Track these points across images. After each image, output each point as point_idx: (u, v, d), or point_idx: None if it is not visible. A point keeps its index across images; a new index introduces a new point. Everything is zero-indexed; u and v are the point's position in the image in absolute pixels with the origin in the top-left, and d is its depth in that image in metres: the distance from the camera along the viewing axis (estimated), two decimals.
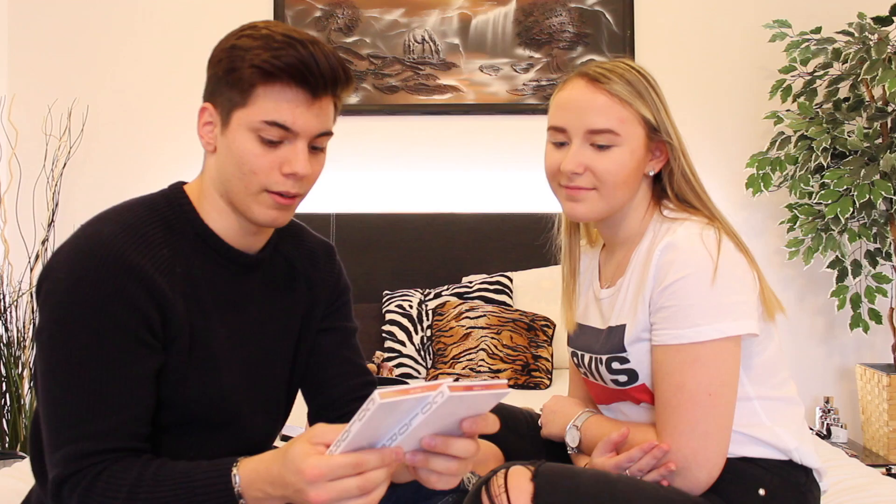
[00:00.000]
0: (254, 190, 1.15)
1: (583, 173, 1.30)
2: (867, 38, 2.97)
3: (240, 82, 1.12)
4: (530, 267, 3.29)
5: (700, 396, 1.21)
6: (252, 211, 1.17)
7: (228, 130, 1.14)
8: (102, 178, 3.42)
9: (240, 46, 1.12)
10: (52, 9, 3.48)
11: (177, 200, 1.21)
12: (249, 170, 1.14)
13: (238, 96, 1.12)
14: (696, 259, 1.23)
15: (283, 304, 1.30)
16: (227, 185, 1.17)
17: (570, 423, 1.41)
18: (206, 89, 1.18)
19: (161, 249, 1.14)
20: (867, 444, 3.13)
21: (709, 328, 1.21)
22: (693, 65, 3.41)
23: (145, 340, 1.11)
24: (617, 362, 1.32)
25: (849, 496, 1.62)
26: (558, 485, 1.16)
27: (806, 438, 1.32)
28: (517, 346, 2.87)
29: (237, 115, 1.13)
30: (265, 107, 1.11)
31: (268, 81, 1.11)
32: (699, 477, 1.23)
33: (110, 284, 1.09)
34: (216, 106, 1.16)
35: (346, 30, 3.45)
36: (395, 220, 3.40)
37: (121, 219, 1.15)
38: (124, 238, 1.12)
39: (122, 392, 1.09)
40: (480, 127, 3.49)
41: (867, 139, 2.91)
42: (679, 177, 1.33)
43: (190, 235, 1.19)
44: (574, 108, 1.31)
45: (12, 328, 3.20)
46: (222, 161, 1.16)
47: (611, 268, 1.41)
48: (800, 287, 3.37)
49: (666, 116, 1.32)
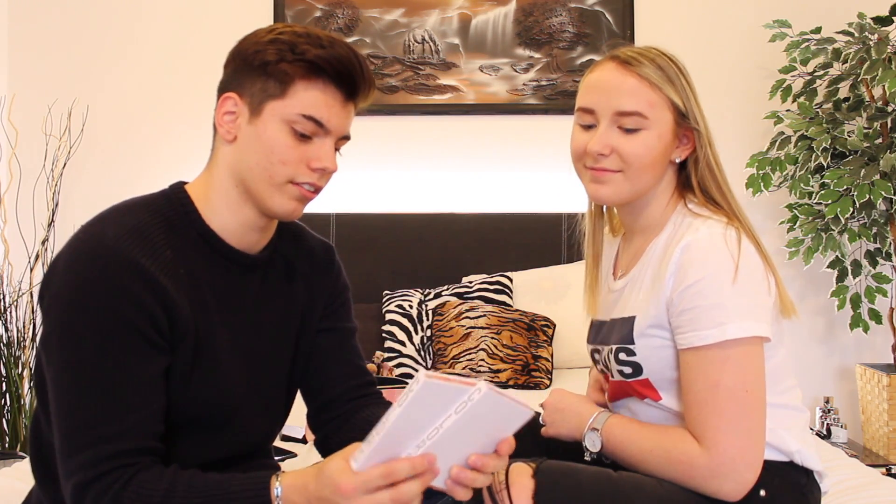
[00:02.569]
0: (279, 180, 1.16)
1: (609, 155, 1.29)
2: (867, 38, 2.97)
3: (280, 74, 1.13)
4: (530, 267, 3.29)
5: (738, 393, 1.19)
6: (273, 200, 1.18)
7: (259, 120, 1.15)
8: (102, 178, 3.42)
9: (283, 41, 1.14)
10: (52, 9, 3.48)
11: (178, 201, 1.21)
12: (279, 160, 1.15)
13: (275, 87, 1.14)
14: (718, 259, 1.22)
15: (283, 305, 1.30)
16: (250, 174, 1.17)
17: (588, 424, 1.33)
18: (228, 80, 1.19)
19: (164, 251, 1.14)
20: (867, 445, 3.13)
21: (734, 326, 1.20)
22: (693, 65, 3.37)
23: (154, 340, 1.11)
24: (624, 353, 1.31)
25: (849, 496, 1.62)
26: (559, 482, 1.16)
27: (808, 441, 1.32)
28: (517, 346, 2.87)
29: (272, 106, 1.14)
30: (304, 101, 1.14)
31: (310, 77, 1.14)
32: (747, 478, 1.19)
33: (117, 285, 1.08)
34: (243, 96, 1.16)
35: (346, 30, 3.45)
36: (395, 220, 3.40)
37: (123, 220, 1.15)
38: (128, 240, 1.11)
39: (136, 392, 1.09)
40: (480, 127, 3.49)
41: (867, 139, 2.91)
42: (704, 166, 1.32)
43: (192, 236, 1.19)
44: (603, 89, 1.30)
45: (12, 328, 3.20)
46: (245, 150, 1.17)
47: (627, 257, 1.40)
48: (800, 287, 3.37)
49: (695, 104, 1.32)
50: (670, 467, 1.22)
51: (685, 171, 1.35)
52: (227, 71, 1.19)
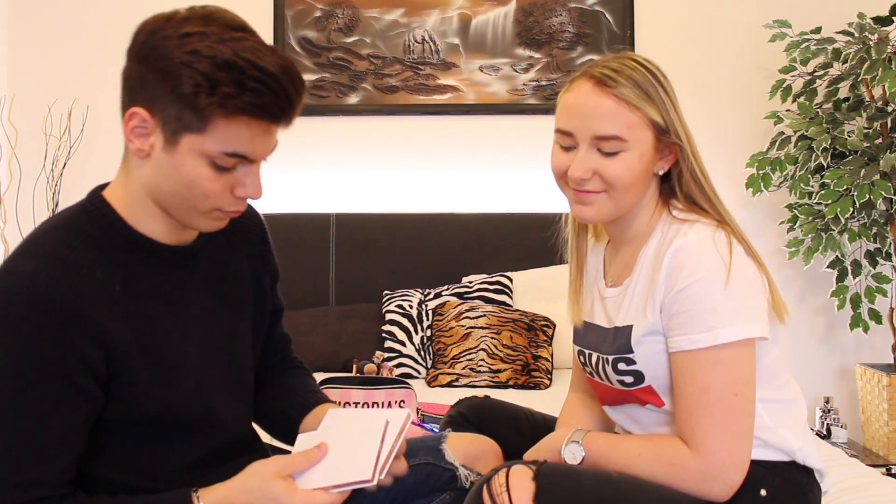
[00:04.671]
0: (203, 209, 1.11)
1: (591, 178, 1.28)
2: (867, 38, 2.97)
3: (195, 109, 1.02)
4: (530, 267, 3.28)
5: (727, 397, 1.20)
6: (196, 223, 1.14)
7: (176, 152, 1.06)
8: (102, 178, 3.37)
9: (198, 70, 1.01)
10: (52, 9, 3.48)
11: (99, 212, 1.15)
12: (201, 193, 1.08)
13: (192, 119, 1.03)
14: (708, 262, 1.22)
15: (232, 284, 1.28)
16: (168, 198, 1.11)
17: (567, 438, 1.31)
18: (135, 87, 1.06)
19: (93, 273, 1.08)
20: (867, 444, 3.13)
21: (725, 331, 1.20)
22: (693, 65, 3.42)
23: (81, 386, 1.06)
24: (623, 363, 1.31)
25: (849, 496, 1.62)
26: (560, 484, 1.16)
27: (809, 439, 1.32)
28: (517, 346, 2.87)
29: (188, 139, 1.05)
30: (226, 137, 1.04)
31: (232, 116, 1.03)
32: (735, 480, 1.21)
33: (40, 328, 1.02)
34: (154, 115, 1.05)
35: (346, 30, 3.45)
36: (395, 220, 3.40)
37: (42, 250, 1.08)
38: (49, 272, 1.04)
39: (53, 440, 1.05)
40: (480, 127, 3.49)
41: (867, 139, 2.91)
42: (688, 177, 1.31)
43: (121, 246, 1.14)
44: (580, 112, 1.27)
45: None
46: (162, 176, 1.09)
47: (617, 266, 1.40)
48: (800, 287, 3.37)
49: (676, 115, 1.28)
50: (659, 470, 1.22)
51: (669, 180, 1.34)
52: (132, 73, 1.07)
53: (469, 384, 2.80)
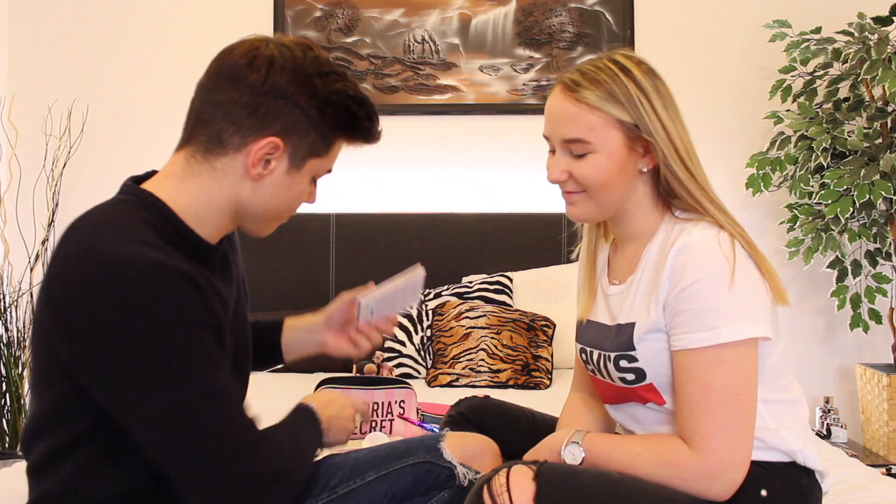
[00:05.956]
0: (283, 220, 1.25)
1: (567, 180, 1.33)
2: (867, 38, 2.97)
3: (331, 137, 1.18)
4: (530, 267, 3.29)
5: (729, 397, 1.20)
6: (266, 231, 1.25)
7: (298, 174, 1.19)
8: (102, 178, 3.41)
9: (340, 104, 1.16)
10: (52, 9, 3.48)
11: (153, 206, 1.17)
12: (296, 206, 1.23)
13: (322, 146, 1.18)
14: (713, 261, 1.22)
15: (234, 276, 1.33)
16: (262, 212, 1.21)
17: (567, 439, 1.30)
18: (265, 117, 1.13)
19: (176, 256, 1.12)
20: (867, 444, 3.13)
21: (728, 330, 1.20)
22: (693, 65, 3.42)
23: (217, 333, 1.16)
24: (625, 360, 1.31)
25: (849, 496, 1.62)
26: (560, 484, 1.16)
27: (810, 440, 1.32)
28: (517, 346, 2.87)
29: (313, 163, 1.19)
30: (334, 159, 1.22)
31: (350, 142, 1.22)
32: (735, 479, 1.21)
33: (179, 291, 1.06)
34: (288, 144, 1.15)
35: (346, 30, 3.45)
36: (395, 220, 3.40)
37: (130, 237, 1.09)
38: (151, 252, 1.07)
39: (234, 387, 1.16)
40: (480, 127, 3.49)
41: (867, 139, 2.91)
42: (666, 173, 1.29)
43: (175, 240, 1.16)
44: (550, 118, 1.33)
45: (12, 328, 3.20)
46: (268, 193, 1.18)
47: (620, 264, 1.40)
48: (800, 287, 3.37)
49: (649, 112, 1.27)
50: (659, 469, 1.22)
51: None
52: (260, 103, 1.13)
53: (469, 384, 2.80)
